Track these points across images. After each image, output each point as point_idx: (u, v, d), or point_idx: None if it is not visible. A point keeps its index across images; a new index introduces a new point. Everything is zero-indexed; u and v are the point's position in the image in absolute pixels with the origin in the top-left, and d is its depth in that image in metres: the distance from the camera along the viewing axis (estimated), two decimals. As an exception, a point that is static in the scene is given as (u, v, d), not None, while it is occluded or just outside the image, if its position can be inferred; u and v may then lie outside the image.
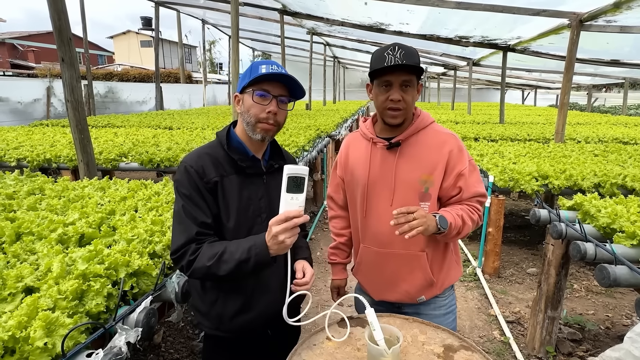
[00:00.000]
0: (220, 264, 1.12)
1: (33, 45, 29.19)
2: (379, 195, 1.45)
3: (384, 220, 1.43)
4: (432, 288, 1.48)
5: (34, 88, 10.24)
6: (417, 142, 1.42)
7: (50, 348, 0.99)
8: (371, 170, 1.46)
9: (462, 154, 1.42)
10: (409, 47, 1.32)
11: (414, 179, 1.40)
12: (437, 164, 1.39)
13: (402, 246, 1.43)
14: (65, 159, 3.82)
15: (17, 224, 1.69)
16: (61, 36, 2.59)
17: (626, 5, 4.26)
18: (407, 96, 1.34)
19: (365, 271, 1.57)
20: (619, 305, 3.32)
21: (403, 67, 1.29)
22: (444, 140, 1.41)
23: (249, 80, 1.22)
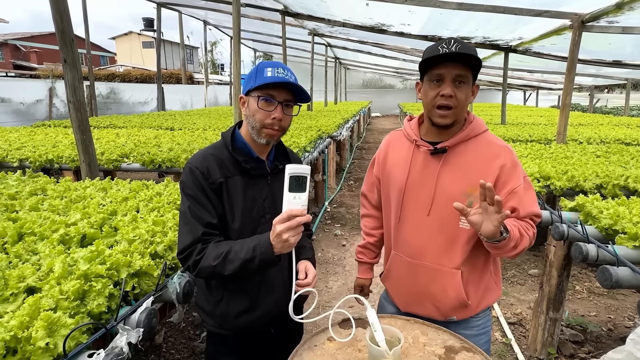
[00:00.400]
0: (225, 263, 1.14)
1: (35, 46, 29.31)
2: (415, 203, 1.35)
3: (419, 230, 1.36)
4: (465, 310, 1.36)
5: (37, 89, 10.27)
6: (465, 151, 1.29)
7: (52, 348, 0.99)
8: (410, 175, 1.35)
9: (515, 169, 1.28)
10: (467, 43, 1.20)
11: (457, 191, 1.27)
12: (485, 177, 1.23)
13: (436, 260, 1.33)
14: (67, 160, 3.83)
15: (19, 224, 1.69)
16: (64, 37, 2.60)
17: (628, 6, 4.25)
18: (460, 93, 1.21)
19: (394, 280, 1.49)
20: (621, 307, 3.31)
21: (457, 59, 1.17)
22: (496, 153, 1.28)
23: (255, 85, 1.21)
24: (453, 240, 1.31)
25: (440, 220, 1.32)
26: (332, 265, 4.03)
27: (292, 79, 1.24)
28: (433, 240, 1.34)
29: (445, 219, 1.31)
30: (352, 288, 1.72)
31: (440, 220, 1.32)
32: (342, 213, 5.73)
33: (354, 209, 5.91)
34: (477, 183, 1.20)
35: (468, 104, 1.27)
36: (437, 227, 1.32)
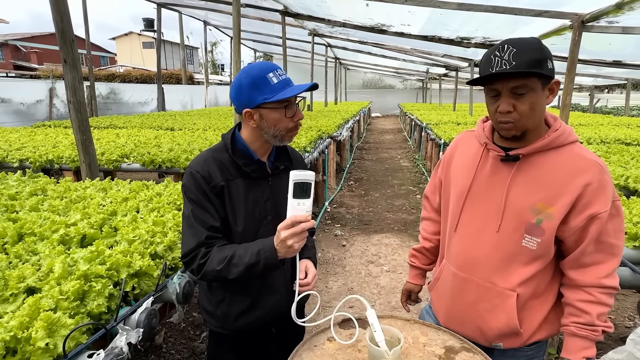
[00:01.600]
0: (230, 267, 1.15)
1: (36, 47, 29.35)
2: (476, 212, 1.23)
3: (472, 242, 1.23)
4: (515, 339, 1.22)
5: (37, 89, 10.28)
6: (543, 162, 1.13)
7: (52, 348, 0.99)
8: (475, 180, 1.22)
9: (604, 190, 1.09)
10: (525, 41, 1.04)
11: (526, 205, 1.13)
12: (562, 195, 1.09)
13: (487, 278, 1.20)
14: (68, 160, 3.83)
15: (20, 224, 1.70)
16: (64, 38, 2.60)
17: (628, 6, 4.25)
18: (522, 105, 1.07)
19: (440, 291, 1.37)
20: (621, 307, 3.31)
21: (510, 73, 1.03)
22: (582, 168, 1.10)
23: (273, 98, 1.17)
24: (512, 258, 1.18)
25: (498, 234, 1.18)
26: (332, 265, 4.03)
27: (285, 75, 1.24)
28: (488, 256, 1.20)
29: (506, 234, 1.17)
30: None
31: (499, 234, 1.18)
32: (342, 213, 5.73)
33: (354, 209, 5.91)
34: (552, 201, 1.10)
35: (539, 111, 1.10)
36: (495, 241, 1.19)
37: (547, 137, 1.13)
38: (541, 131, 1.16)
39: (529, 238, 1.14)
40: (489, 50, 1.09)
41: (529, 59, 1.02)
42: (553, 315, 1.23)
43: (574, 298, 1.16)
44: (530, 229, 1.13)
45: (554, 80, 1.09)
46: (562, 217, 1.11)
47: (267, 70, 1.19)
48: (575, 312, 1.15)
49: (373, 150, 11.47)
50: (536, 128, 1.14)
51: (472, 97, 12.11)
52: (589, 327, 1.13)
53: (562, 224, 1.12)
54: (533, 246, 1.14)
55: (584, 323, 1.13)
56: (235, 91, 1.21)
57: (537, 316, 1.21)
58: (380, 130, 17.38)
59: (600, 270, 1.13)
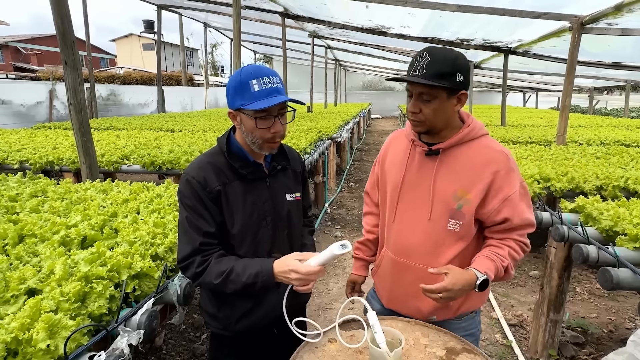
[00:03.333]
0: (227, 283, 1.16)
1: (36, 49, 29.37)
2: (408, 203, 1.37)
3: (407, 229, 1.38)
4: (446, 310, 1.39)
5: (37, 91, 10.28)
6: (459, 154, 1.30)
7: (53, 350, 0.99)
8: (406, 174, 1.37)
9: (511, 175, 1.27)
10: (440, 53, 1.18)
11: (448, 193, 1.29)
12: (477, 182, 1.26)
13: (421, 260, 1.36)
14: (68, 162, 3.83)
15: (20, 226, 1.69)
16: (64, 40, 2.61)
17: (627, 8, 4.26)
18: (426, 109, 1.23)
19: (382, 276, 1.52)
20: (621, 309, 3.30)
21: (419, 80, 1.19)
22: (492, 158, 1.27)
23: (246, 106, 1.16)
24: (440, 241, 1.33)
25: (427, 220, 1.34)
26: (332, 267, 4.03)
27: (279, 84, 1.19)
28: (421, 241, 1.36)
29: (434, 219, 1.32)
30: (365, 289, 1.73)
31: (428, 220, 1.34)
32: (342, 215, 5.73)
33: (354, 211, 5.91)
34: (468, 188, 1.26)
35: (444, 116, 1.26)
36: (425, 227, 1.34)
37: (461, 133, 1.30)
38: (456, 128, 1.32)
39: (453, 222, 1.29)
40: (419, 52, 1.23)
41: (437, 72, 1.17)
42: None
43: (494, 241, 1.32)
44: (453, 214, 1.29)
45: (462, 91, 1.24)
46: (478, 202, 1.27)
47: (253, 76, 1.16)
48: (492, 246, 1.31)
49: (373, 152, 11.47)
50: (446, 127, 1.30)
51: (472, 98, 12.12)
52: (499, 255, 1.28)
53: (481, 208, 1.28)
54: (457, 229, 1.30)
55: (497, 252, 1.29)
56: (226, 90, 1.23)
57: None
58: (380, 131, 17.38)
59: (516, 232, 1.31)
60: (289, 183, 1.38)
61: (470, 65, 1.26)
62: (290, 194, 1.37)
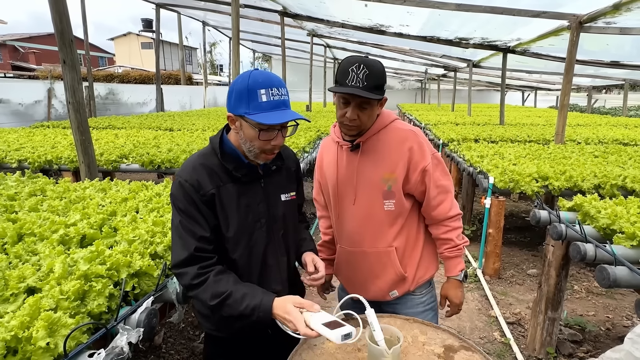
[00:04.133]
0: (222, 307, 1.13)
1: (34, 47, 29.27)
2: (346, 196, 1.50)
3: (352, 220, 1.51)
4: (404, 283, 1.51)
5: (35, 90, 10.26)
6: (378, 142, 1.44)
7: (53, 348, 0.99)
8: (339, 172, 1.50)
9: (423, 149, 1.42)
10: (374, 66, 1.30)
11: (377, 178, 1.43)
12: (398, 161, 1.41)
13: (371, 244, 1.49)
14: (67, 161, 3.83)
15: (19, 225, 1.69)
16: (63, 38, 2.60)
17: (626, 7, 4.27)
18: (364, 116, 1.35)
19: (343, 271, 1.64)
20: (619, 307, 3.32)
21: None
22: (404, 137, 1.42)
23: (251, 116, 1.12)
24: (382, 223, 1.46)
25: (367, 207, 1.46)
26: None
27: (286, 96, 1.17)
28: (365, 227, 1.48)
29: (371, 205, 1.45)
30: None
31: (367, 207, 1.46)
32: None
33: (353, 210, 5.91)
34: (392, 168, 1.41)
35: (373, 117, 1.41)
36: (366, 214, 1.47)
37: (376, 123, 1.43)
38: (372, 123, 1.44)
39: (387, 202, 1.44)
40: (346, 62, 1.32)
41: (376, 84, 1.30)
42: (426, 257, 1.56)
43: (439, 232, 1.52)
44: (386, 195, 1.43)
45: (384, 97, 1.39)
46: (403, 178, 1.42)
47: (262, 85, 1.12)
48: (443, 242, 1.52)
49: (372, 151, 11.44)
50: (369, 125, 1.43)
51: (471, 97, 12.13)
52: (454, 248, 1.50)
53: (406, 183, 1.43)
54: (392, 208, 1.44)
55: (451, 247, 1.50)
56: (229, 92, 1.19)
57: (414, 260, 1.52)
58: (379, 130, 17.33)
59: (445, 206, 1.47)
60: (283, 182, 1.35)
61: None
62: (285, 193, 1.35)
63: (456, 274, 1.52)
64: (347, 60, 1.33)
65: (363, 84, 1.28)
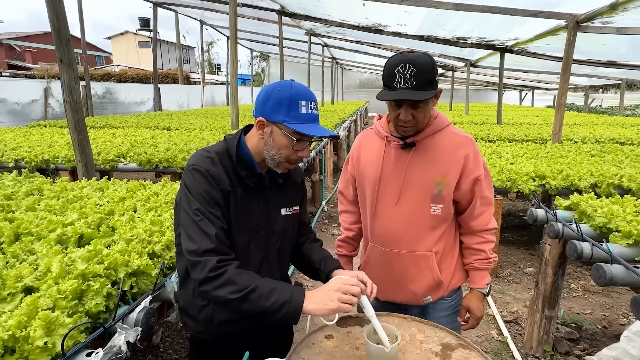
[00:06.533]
0: (244, 301, 1.04)
1: (30, 46, 29.10)
2: (389, 195, 1.44)
3: (392, 220, 1.45)
4: (439, 289, 1.48)
5: (32, 89, 10.21)
6: (432, 144, 1.40)
7: (50, 347, 0.99)
8: (384, 168, 1.45)
9: (478, 158, 1.41)
10: (421, 61, 1.23)
11: (428, 180, 1.39)
12: (451, 166, 1.38)
13: (410, 247, 1.44)
14: (64, 160, 3.81)
15: (16, 224, 1.69)
16: (60, 37, 2.59)
17: (622, 6, 4.29)
18: (419, 114, 1.31)
19: (372, 270, 1.54)
20: (615, 305, 3.34)
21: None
22: (460, 143, 1.40)
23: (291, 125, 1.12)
24: (425, 226, 1.43)
25: (412, 209, 1.43)
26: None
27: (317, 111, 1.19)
28: (407, 229, 1.44)
29: (416, 207, 1.42)
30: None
31: (413, 209, 1.43)
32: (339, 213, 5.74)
33: (351, 209, 5.92)
34: (445, 172, 1.38)
35: (429, 115, 1.37)
36: (409, 215, 1.43)
37: (432, 124, 1.41)
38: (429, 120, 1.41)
39: (435, 206, 1.41)
40: (391, 63, 1.27)
41: (426, 80, 1.24)
42: (460, 264, 1.54)
43: (472, 242, 1.49)
44: (434, 199, 1.40)
45: (439, 89, 1.32)
46: (455, 184, 1.39)
47: (304, 97, 1.14)
48: (475, 252, 1.50)
49: (370, 150, 11.45)
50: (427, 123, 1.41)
51: (468, 97, 12.16)
52: (485, 261, 1.49)
53: (456, 190, 1.41)
54: (439, 212, 1.41)
55: (482, 259, 1.49)
56: (264, 97, 1.16)
57: (450, 267, 1.50)
58: (377, 130, 17.36)
59: (485, 217, 1.47)
60: (286, 197, 1.32)
61: None
62: (287, 208, 1.31)
63: (482, 286, 1.49)
64: (390, 61, 1.27)
65: (412, 84, 1.23)
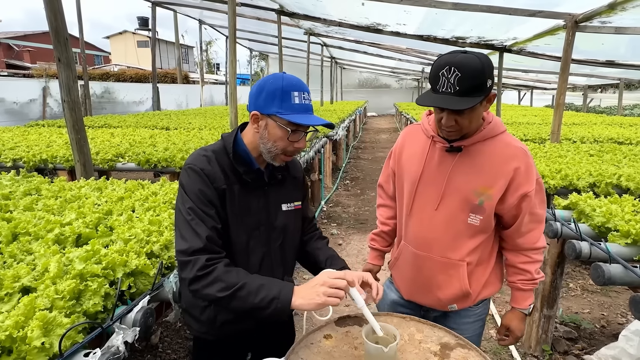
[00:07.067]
0: (233, 299, 1.05)
1: (29, 45, 29.02)
2: (427, 197, 1.39)
3: (427, 224, 1.40)
4: (467, 299, 1.44)
5: (30, 88, 10.18)
6: (481, 151, 1.31)
7: (48, 348, 0.99)
8: (425, 169, 1.38)
9: (530, 172, 1.30)
10: (468, 65, 1.13)
11: (469, 189, 1.31)
12: (499, 178, 1.29)
13: (442, 253, 1.39)
14: (62, 160, 3.80)
15: (14, 224, 1.68)
16: (58, 36, 2.58)
17: (621, 6, 4.29)
18: (463, 120, 1.22)
19: (401, 269, 1.53)
20: (614, 304, 3.34)
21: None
22: (512, 155, 1.29)
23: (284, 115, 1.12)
24: (460, 235, 1.36)
25: (449, 216, 1.36)
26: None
27: (311, 102, 1.19)
28: (441, 234, 1.38)
29: (454, 214, 1.35)
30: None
31: (449, 216, 1.36)
32: (338, 212, 5.74)
33: (350, 209, 5.92)
34: (491, 184, 1.29)
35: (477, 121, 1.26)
36: (445, 221, 1.37)
37: (483, 130, 1.31)
38: (479, 125, 1.31)
39: (473, 216, 1.33)
40: (436, 66, 1.19)
41: (471, 86, 1.15)
42: (493, 276, 1.47)
43: (517, 261, 1.42)
44: (474, 209, 1.32)
45: (492, 93, 1.23)
46: (499, 197, 1.30)
47: (296, 88, 1.14)
48: (519, 272, 1.42)
49: (369, 150, 11.49)
50: (474, 128, 1.30)
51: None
52: (530, 282, 1.41)
53: (500, 203, 1.32)
54: (477, 223, 1.34)
55: (527, 279, 1.41)
56: (256, 91, 1.17)
57: (482, 279, 1.44)
58: (376, 129, 17.40)
59: (534, 236, 1.38)
60: (286, 192, 1.32)
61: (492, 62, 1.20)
62: (288, 203, 1.31)
63: (525, 307, 1.43)
64: (437, 61, 1.19)
65: (455, 89, 1.15)
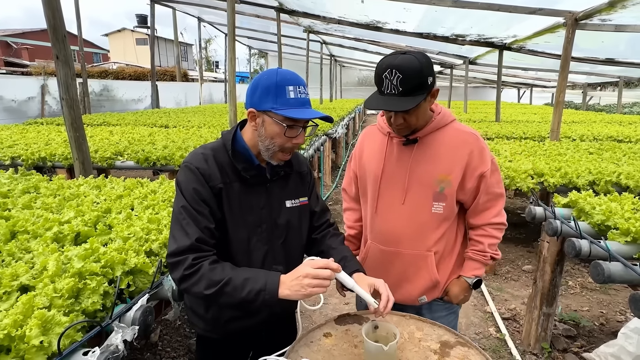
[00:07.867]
0: (220, 295, 1.04)
1: (27, 43, 28.92)
2: (392, 193, 1.42)
3: (394, 218, 1.43)
4: (435, 289, 1.47)
5: (28, 86, 10.14)
6: (435, 141, 1.37)
7: (46, 346, 0.98)
8: (386, 165, 1.42)
9: (483, 154, 1.36)
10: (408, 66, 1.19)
11: (430, 178, 1.36)
12: (455, 164, 1.35)
13: (410, 246, 1.42)
14: (61, 158, 3.79)
15: (12, 222, 1.68)
16: (56, 34, 2.57)
17: (621, 4, 4.28)
18: (410, 118, 1.29)
19: (370, 268, 1.52)
20: (613, 302, 3.35)
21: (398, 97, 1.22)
22: (464, 140, 1.36)
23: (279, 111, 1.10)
24: (426, 225, 1.41)
25: (415, 207, 1.40)
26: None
27: (308, 95, 1.17)
28: (407, 227, 1.42)
29: (418, 205, 1.39)
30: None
31: (415, 207, 1.40)
32: (337, 210, 5.74)
33: (350, 207, 5.92)
34: (448, 170, 1.35)
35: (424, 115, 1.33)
36: (411, 214, 1.41)
37: (434, 121, 1.37)
38: (429, 117, 1.38)
39: (437, 204, 1.38)
40: (379, 68, 1.24)
41: (412, 86, 1.21)
42: (459, 263, 1.51)
43: (473, 233, 1.48)
44: (436, 197, 1.37)
45: (434, 88, 1.29)
46: (458, 182, 1.36)
47: (291, 82, 1.12)
48: (473, 243, 1.48)
49: (368, 148, 11.45)
50: (423, 123, 1.37)
51: (467, 94, 12.16)
52: (480, 252, 1.45)
53: (460, 189, 1.37)
54: (440, 211, 1.38)
55: (478, 250, 1.45)
56: (252, 88, 1.15)
57: (449, 266, 1.48)
58: (376, 127, 17.34)
59: (490, 213, 1.43)
60: (291, 188, 1.30)
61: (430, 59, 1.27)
62: (292, 200, 1.29)
63: (468, 275, 1.46)
64: (379, 64, 1.24)
65: (398, 90, 1.21)
